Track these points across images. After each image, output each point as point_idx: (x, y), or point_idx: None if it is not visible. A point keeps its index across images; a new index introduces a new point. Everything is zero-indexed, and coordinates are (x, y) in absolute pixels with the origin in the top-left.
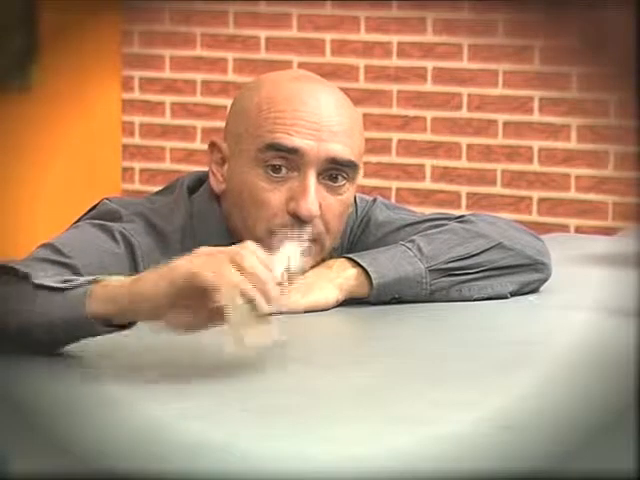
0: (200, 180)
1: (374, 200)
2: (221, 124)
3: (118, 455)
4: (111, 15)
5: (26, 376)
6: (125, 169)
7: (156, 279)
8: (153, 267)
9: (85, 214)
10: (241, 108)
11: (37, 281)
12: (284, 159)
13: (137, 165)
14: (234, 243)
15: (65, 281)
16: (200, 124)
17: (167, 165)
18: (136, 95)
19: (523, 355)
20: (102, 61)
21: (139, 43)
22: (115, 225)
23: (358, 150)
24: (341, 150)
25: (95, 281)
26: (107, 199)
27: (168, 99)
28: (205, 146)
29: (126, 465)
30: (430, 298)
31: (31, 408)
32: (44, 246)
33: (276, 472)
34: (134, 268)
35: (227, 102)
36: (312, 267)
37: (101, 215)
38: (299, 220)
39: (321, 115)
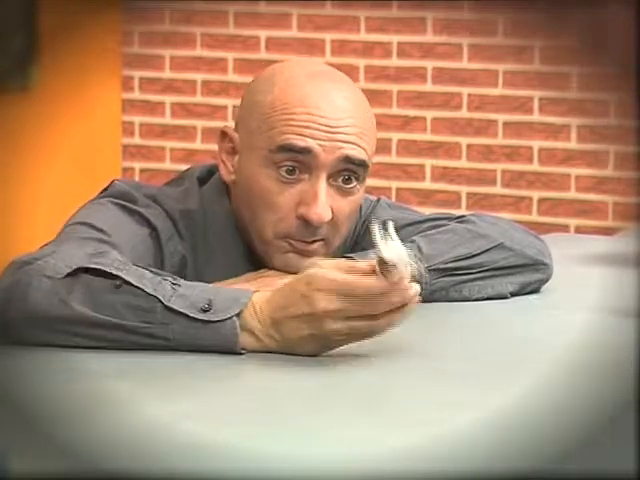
0: (210, 172)
1: (378, 200)
2: (221, 124)
3: (118, 455)
4: (111, 15)
5: (26, 375)
6: (125, 169)
7: (309, 340)
8: (176, 251)
9: (97, 197)
10: (254, 102)
11: (175, 307)
12: (296, 161)
13: (137, 165)
14: (240, 238)
15: (204, 309)
16: (200, 124)
17: (167, 165)
18: (136, 95)
19: (523, 355)
20: (102, 61)
21: (139, 43)
22: (134, 207)
23: (371, 150)
24: (354, 150)
25: (236, 314)
26: (118, 181)
27: (168, 99)
28: (205, 146)
29: (126, 465)
30: (430, 298)
31: (31, 408)
32: (76, 224)
33: (276, 472)
34: (160, 251)
35: (227, 102)
36: None
37: (116, 196)
38: (308, 224)
39: (335, 117)
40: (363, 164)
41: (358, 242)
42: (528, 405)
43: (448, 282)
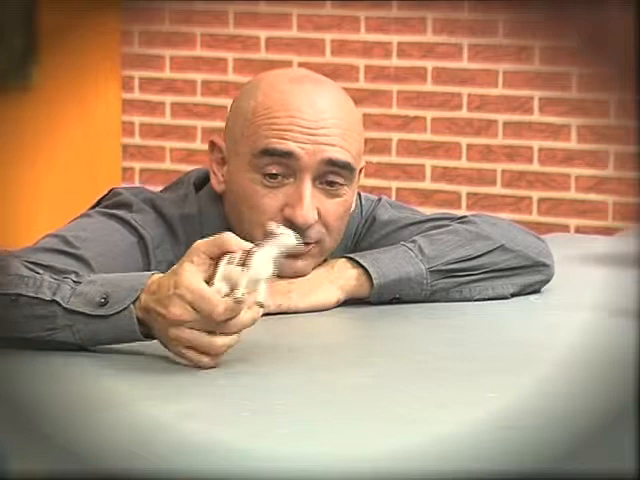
0: (206, 177)
1: (379, 199)
2: (221, 124)
3: (118, 455)
4: (111, 15)
5: (26, 376)
6: (125, 169)
7: (162, 337)
8: (164, 259)
9: (95, 204)
10: (239, 110)
11: (73, 307)
12: (280, 165)
13: (137, 165)
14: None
15: (100, 304)
16: (200, 124)
17: (167, 165)
18: (136, 95)
19: (523, 355)
20: (102, 61)
21: (139, 43)
22: (126, 215)
23: (356, 152)
24: (337, 152)
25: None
26: (116, 189)
27: (168, 99)
28: (205, 146)
29: (126, 465)
30: (430, 298)
31: (31, 408)
32: (52, 236)
33: (276, 472)
34: (147, 260)
35: (227, 102)
36: (313, 268)
37: (112, 206)
38: (295, 227)
39: (317, 119)
40: (347, 166)
41: (359, 242)
42: (528, 405)
43: (449, 283)
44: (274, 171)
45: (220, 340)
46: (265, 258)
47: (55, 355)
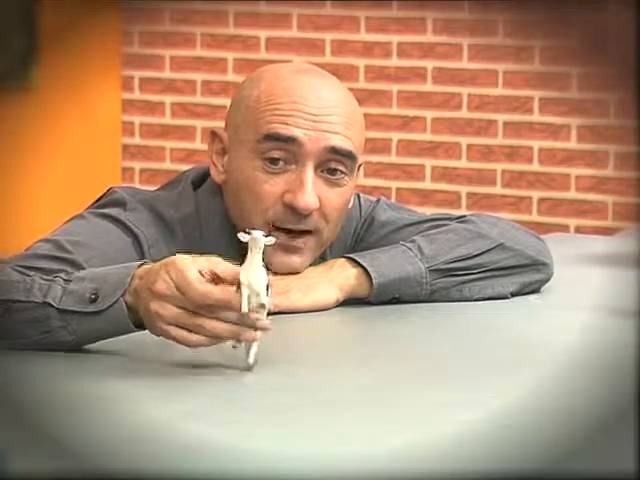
0: (204, 175)
1: (378, 200)
2: (221, 124)
3: (118, 455)
4: (111, 15)
5: (26, 375)
6: (125, 169)
7: (145, 315)
8: (159, 258)
9: (92, 204)
10: (241, 99)
11: (65, 307)
12: (282, 151)
13: (137, 165)
14: (236, 238)
15: (91, 300)
16: (200, 124)
17: (167, 165)
18: (136, 95)
19: (523, 355)
20: (102, 61)
21: (139, 43)
22: (120, 215)
23: (358, 143)
24: (340, 140)
25: (120, 294)
26: (113, 188)
27: (168, 99)
28: (205, 146)
29: (126, 465)
30: (430, 298)
31: (31, 408)
32: (45, 241)
33: (276, 472)
34: (141, 259)
35: (227, 102)
36: (310, 264)
37: (106, 204)
38: (295, 212)
39: (320, 107)
40: (350, 155)
41: (358, 242)
42: (528, 405)
43: (449, 282)
44: (276, 156)
45: (199, 320)
46: (254, 269)
47: (55, 355)
